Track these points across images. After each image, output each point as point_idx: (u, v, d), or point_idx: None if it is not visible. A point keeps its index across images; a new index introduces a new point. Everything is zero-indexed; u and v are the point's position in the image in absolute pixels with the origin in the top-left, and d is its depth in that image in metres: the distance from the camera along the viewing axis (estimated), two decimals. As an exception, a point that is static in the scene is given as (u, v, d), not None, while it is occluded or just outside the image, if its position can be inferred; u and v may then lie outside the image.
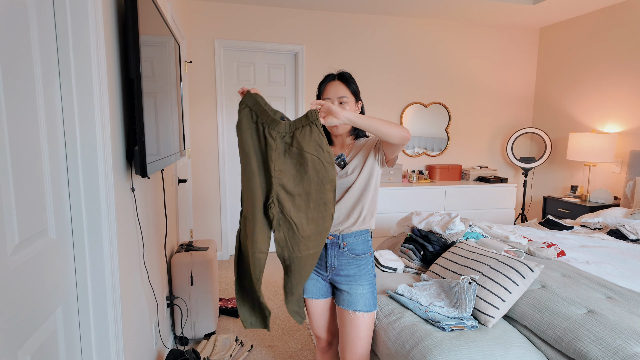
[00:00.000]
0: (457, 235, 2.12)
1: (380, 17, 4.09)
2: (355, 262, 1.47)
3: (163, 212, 2.15)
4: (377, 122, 1.27)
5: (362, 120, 1.26)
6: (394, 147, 1.38)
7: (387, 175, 4.02)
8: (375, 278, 1.52)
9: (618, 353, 1.18)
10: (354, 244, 1.47)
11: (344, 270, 1.47)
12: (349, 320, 1.47)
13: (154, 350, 1.86)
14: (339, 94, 1.45)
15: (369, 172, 1.45)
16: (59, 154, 1.08)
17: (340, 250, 1.47)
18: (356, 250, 1.47)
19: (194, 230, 3.93)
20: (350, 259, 1.47)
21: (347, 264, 1.47)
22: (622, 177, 3.63)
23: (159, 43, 1.68)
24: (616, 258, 2.10)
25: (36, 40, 0.96)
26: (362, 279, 1.47)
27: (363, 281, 1.47)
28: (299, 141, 1.28)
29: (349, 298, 1.46)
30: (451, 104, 4.40)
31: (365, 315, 1.46)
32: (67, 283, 1.12)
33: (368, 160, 1.45)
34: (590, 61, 3.89)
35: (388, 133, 1.28)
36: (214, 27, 3.74)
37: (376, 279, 1.79)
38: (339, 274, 1.48)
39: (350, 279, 1.47)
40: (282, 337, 2.49)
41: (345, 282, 1.47)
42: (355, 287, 1.46)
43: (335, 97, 1.45)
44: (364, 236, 1.49)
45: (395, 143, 1.32)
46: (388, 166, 1.48)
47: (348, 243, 1.46)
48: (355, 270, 1.47)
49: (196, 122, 3.83)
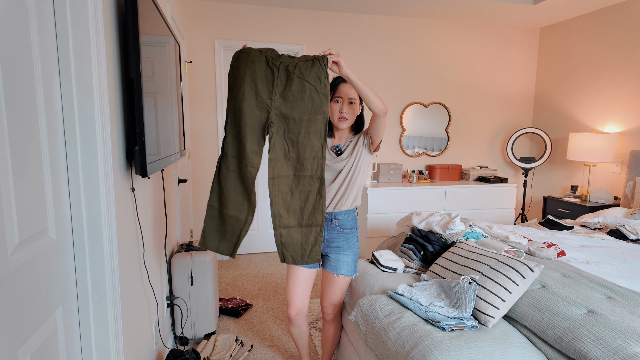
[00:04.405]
0: (457, 235, 2.12)
1: (380, 17, 4.09)
2: (344, 236, 1.77)
3: (163, 212, 2.15)
4: (368, 88, 1.53)
5: (358, 82, 1.50)
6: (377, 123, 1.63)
7: (387, 175, 4.02)
8: (358, 249, 1.84)
9: (618, 353, 1.18)
10: (343, 220, 1.76)
11: (334, 242, 1.77)
12: (333, 281, 1.82)
13: (154, 350, 1.86)
14: (350, 95, 1.70)
15: (358, 156, 1.73)
16: (59, 154, 1.08)
17: (332, 226, 1.76)
18: (345, 225, 1.77)
19: (194, 230, 3.93)
20: (340, 232, 1.77)
21: (337, 237, 1.77)
22: (622, 177, 3.63)
23: (159, 43, 1.68)
24: (616, 258, 2.10)
25: (36, 40, 0.96)
26: (349, 250, 1.79)
27: (349, 252, 1.79)
28: (301, 70, 1.45)
29: (335, 264, 1.79)
30: (451, 104, 4.40)
31: (347, 278, 1.83)
32: (67, 283, 1.12)
33: (357, 145, 1.73)
34: (590, 61, 3.89)
35: (373, 99, 1.53)
36: (214, 27, 3.74)
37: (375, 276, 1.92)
38: (329, 245, 1.78)
39: (339, 250, 1.78)
40: (282, 337, 2.49)
41: (334, 251, 1.79)
42: (341, 256, 1.78)
43: (346, 97, 1.70)
44: (352, 214, 1.79)
45: (376, 111, 1.57)
46: (374, 151, 1.74)
47: (339, 219, 1.76)
48: (343, 242, 1.78)
49: (196, 122, 3.83)
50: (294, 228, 1.55)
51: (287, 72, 1.45)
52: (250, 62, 1.45)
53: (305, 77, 1.44)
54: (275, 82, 1.45)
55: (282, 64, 1.45)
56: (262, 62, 1.45)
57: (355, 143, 1.74)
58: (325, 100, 1.46)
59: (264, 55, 1.45)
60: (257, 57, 1.45)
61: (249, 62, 1.45)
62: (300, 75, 1.44)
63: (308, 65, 1.44)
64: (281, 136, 1.48)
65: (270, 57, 1.45)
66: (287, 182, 1.52)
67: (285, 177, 1.51)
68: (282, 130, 1.48)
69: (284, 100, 1.46)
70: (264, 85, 1.46)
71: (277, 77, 1.45)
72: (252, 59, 1.45)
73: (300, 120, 1.47)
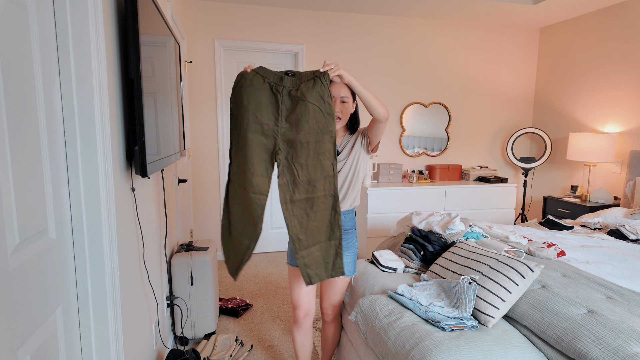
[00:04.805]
0: (457, 235, 2.12)
1: (380, 17, 4.09)
2: (344, 237, 1.74)
3: (163, 212, 2.15)
4: (370, 94, 1.50)
5: (361, 89, 1.48)
6: (377, 127, 1.60)
7: (387, 175, 4.02)
8: (357, 250, 1.82)
9: (618, 353, 1.18)
10: (343, 221, 1.73)
11: None
12: (333, 282, 1.81)
13: (154, 350, 1.86)
14: (341, 94, 1.65)
15: (357, 158, 1.71)
16: (59, 154, 1.08)
17: None
18: (344, 226, 1.75)
19: (194, 230, 3.93)
20: None
21: None
22: (622, 177, 3.63)
23: (159, 43, 1.68)
24: (616, 258, 2.10)
25: (36, 40, 0.96)
26: (348, 250, 1.76)
27: (348, 252, 1.77)
28: (303, 92, 1.41)
29: None
30: (451, 104, 4.40)
31: (346, 278, 1.82)
32: (67, 283, 1.12)
33: (355, 146, 1.71)
34: (590, 61, 3.89)
35: (375, 106, 1.52)
36: (214, 27, 3.74)
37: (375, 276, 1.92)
38: None
39: None
40: (282, 337, 2.49)
41: None
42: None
43: (338, 96, 1.65)
44: (351, 214, 1.77)
45: (378, 117, 1.55)
46: (372, 152, 1.73)
47: None
48: (343, 243, 1.73)
49: (196, 122, 3.83)
50: (313, 247, 1.52)
51: (291, 97, 1.42)
52: (253, 89, 1.42)
53: (308, 99, 1.40)
54: (280, 108, 1.42)
55: (284, 89, 1.42)
56: (266, 89, 1.42)
57: (353, 143, 1.72)
58: (331, 119, 1.43)
59: (267, 82, 1.42)
60: (260, 85, 1.42)
61: (252, 90, 1.42)
62: (302, 97, 1.40)
63: (309, 85, 1.40)
64: (290, 161, 1.45)
65: (273, 83, 1.42)
66: (301, 205, 1.48)
67: (299, 201, 1.48)
68: (290, 155, 1.45)
69: (290, 125, 1.43)
70: (269, 113, 1.43)
71: (282, 103, 1.42)
72: (256, 87, 1.42)
73: (307, 143, 1.43)
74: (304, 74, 1.43)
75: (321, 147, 1.44)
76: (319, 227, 1.51)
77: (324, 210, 1.50)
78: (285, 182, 1.46)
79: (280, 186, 1.47)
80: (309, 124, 1.41)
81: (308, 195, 1.48)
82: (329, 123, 1.42)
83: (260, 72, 1.43)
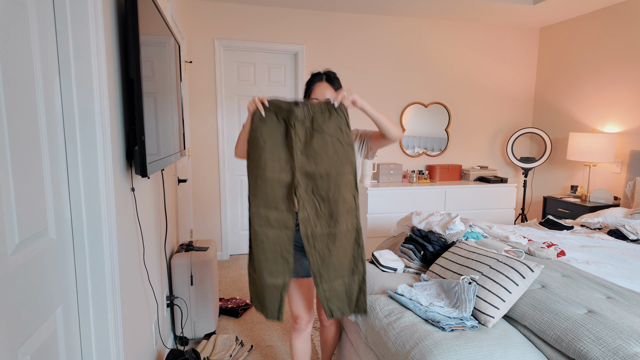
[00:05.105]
0: (457, 235, 2.12)
1: (380, 17, 4.09)
2: None
3: (163, 212, 2.15)
4: (383, 117, 1.48)
5: (375, 113, 1.46)
6: (384, 143, 1.59)
7: (387, 175, 4.02)
8: None
9: (618, 353, 1.18)
10: None
11: None
12: None
13: (154, 350, 1.86)
14: (326, 95, 1.59)
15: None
16: (58, 153, 1.08)
17: None
18: None
19: (194, 230, 3.93)
20: None
21: None
22: (622, 177, 3.63)
23: (159, 43, 1.68)
24: (616, 258, 2.10)
25: (36, 40, 0.96)
26: None
27: None
28: (319, 124, 1.39)
29: None
30: (451, 104, 4.40)
31: None
32: (67, 283, 1.12)
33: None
34: (590, 61, 3.89)
35: (390, 129, 1.51)
36: (214, 27, 3.74)
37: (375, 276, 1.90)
38: None
39: None
40: (282, 337, 2.49)
41: None
42: None
43: (322, 98, 1.59)
44: None
45: (392, 139, 1.54)
46: (369, 158, 1.71)
47: None
48: None
49: (196, 122, 3.83)
50: (336, 281, 1.49)
51: (305, 128, 1.40)
52: (267, 129, 1.40)
53: (326, 131, 1.38)
54: (294, 140, 1.39)
55: (297, 120, 1.39)
56: (280, 125, 1.41)
57: None
58: (351, 149, 1.41)
59: (281, 117, 1.40)
60: (274, 122, 1.41)
61: (267, 130, 1.40)
62: (319, 129, 1.38)
63: (325, 117, 1.38)
64: (310, 194, 1.42)
65: (286, 117, 1.40)
66: (322, 240, 1.45)
67: (320, 236, 1.45)
68: (310, 188, 1.42)
69: (307, 159, 1.40)
70: (284, 148, 1.41)
71: (296, 136, 1.39)
72: (269, 125, 1.40)
73: (328, 176, 1.40)
74: (316, 105, 1.40)
75: (342, 179, 1.41)
76: (341, 262, 1.48)
77: (347, 245, 1.47)
78: (306, 215, 1.43)
79: (302, 220, 1.43)
80: (329, 156, 1.39)
81: (330, 229, 1.44)
82: (349, 153, 1.40)
83: (272, 107, 1.41)
